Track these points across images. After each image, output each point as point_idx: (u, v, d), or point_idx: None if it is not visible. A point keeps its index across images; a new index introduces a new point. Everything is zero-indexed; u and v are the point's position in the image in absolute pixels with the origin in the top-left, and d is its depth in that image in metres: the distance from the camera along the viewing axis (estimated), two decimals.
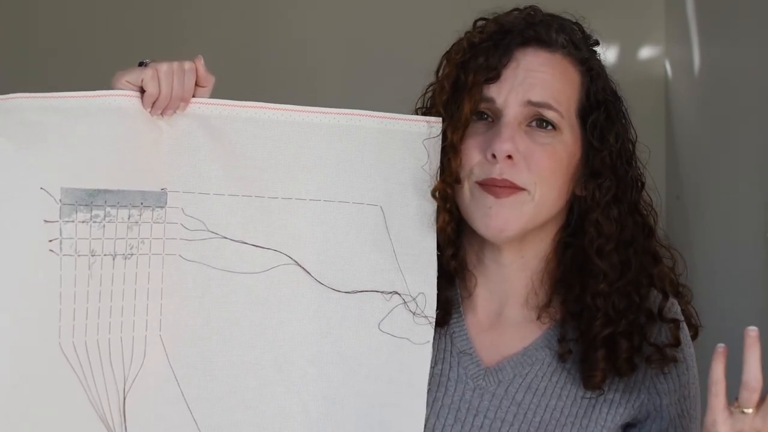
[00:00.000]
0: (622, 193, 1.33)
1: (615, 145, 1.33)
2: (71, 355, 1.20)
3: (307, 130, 1.31)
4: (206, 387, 1.27)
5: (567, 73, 1.32)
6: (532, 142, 1.29)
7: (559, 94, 1.30)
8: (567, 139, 1.31)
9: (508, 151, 1.27)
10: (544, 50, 1.31)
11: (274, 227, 1.30)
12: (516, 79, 1.29)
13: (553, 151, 1.29)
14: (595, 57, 1.36)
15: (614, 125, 1.33)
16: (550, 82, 1.30)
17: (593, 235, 1.32)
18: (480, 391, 1.32)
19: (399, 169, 1.34)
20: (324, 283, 1.31)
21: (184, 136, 1.27)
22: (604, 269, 1.31)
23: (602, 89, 1.34)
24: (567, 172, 1.31)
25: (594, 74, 1.33)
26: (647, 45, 2.91)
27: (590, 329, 1.30)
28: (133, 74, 1.24)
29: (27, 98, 1.20)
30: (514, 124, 1.29)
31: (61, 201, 1.19)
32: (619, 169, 1.33)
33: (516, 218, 1.29)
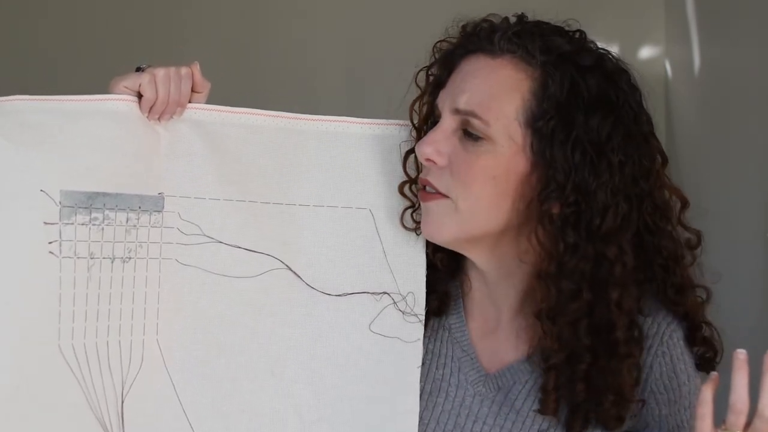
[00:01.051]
0: (584, 216, 1.22)
1: (568, 159, 1.21)
2: (70, 357, 1.21)
3: (297, 136, 1.33)
4: (201, 391, 1.28)
5: (507, 79, 1.25)
6: (462, 149, 1.26)
7: (490, 101, 1.24)
8: (502, 150, 1.24)
9: (426, 154, 1.26)
10: (485, 56, 1.27)
11: (266, 232, 1.31)
12: (453, 86, 1.28)
13: (477, 160, 1.24)
14: (566, 63, 1.24)
15: (576, 135, 1.22)
16: (481, 88, 1.25)
17: (539, 253, 1.25)
18: (480, 397, 1.33)
19: (387, 172, 1.35)
20: (315, 287, 1.32)
21: (180, 141, 1.29)
22: (542, 290, 1.25)
23: (564, 97, 1.23)
24: (503, 182, 1.24)
25: (552, 81, 1.23)
26: (647, 45, 2.91)
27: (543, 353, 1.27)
28: (131, 79, 1.25)
29: (27, 100, 1.22)
30: (445, 130, 1.27)
31: (61, 203, 1.20)
32: (584, 188, 1.21)
33: (443, 226, 1.28)
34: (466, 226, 1.27)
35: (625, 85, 1.26)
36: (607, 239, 1.22)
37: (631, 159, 1.23)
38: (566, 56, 1.24)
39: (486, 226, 1.27)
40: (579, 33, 1.29)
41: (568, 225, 1.22)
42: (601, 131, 1.22)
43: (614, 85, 1.25)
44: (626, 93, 1.26)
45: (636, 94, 1.28)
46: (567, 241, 1.22)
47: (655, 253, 1.29)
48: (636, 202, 1.25)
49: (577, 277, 1.23)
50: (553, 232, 1.23)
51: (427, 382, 1.35)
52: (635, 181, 1.24)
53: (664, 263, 1.30)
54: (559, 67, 1.24)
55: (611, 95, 1.24)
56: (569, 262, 1.23)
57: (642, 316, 1.28)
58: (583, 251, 1.22)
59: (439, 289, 1.36)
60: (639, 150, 1.25)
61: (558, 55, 1.24)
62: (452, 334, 1.37)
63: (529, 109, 1.23)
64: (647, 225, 1.27)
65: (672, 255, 1.30)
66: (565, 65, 1.24)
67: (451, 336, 1.36)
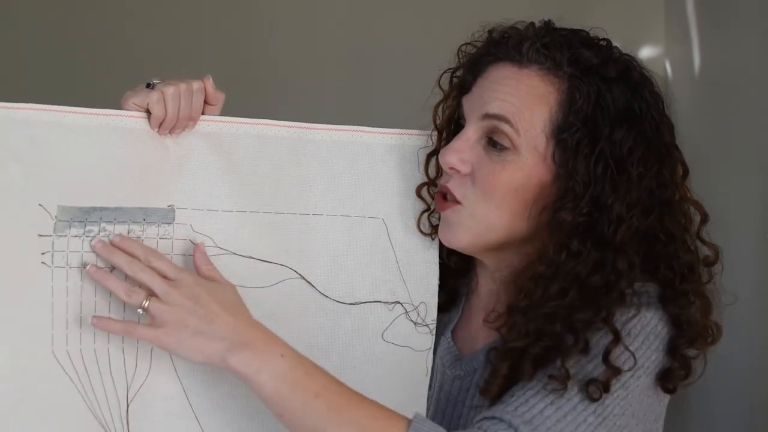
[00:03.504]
0: (596, 226, 1.22)
1: (590, 172, 1.22)
2: (66, 363, 1.21)
3: (309, 146, 1.33)
4: (214, 398, 1.28)
5: (536, 90, 1.25)
6: (486, 157, 1.26)
7: (521, 109, 1.24)
8: (526, 159, 1.24)
9: (450, 163, 1.27)
10: (513, 65, 1.27)
11: (280, 242, 1.31)
12: (481, 92, 1.28)
13: (503, 169, 1.25)
14: (593, 75, 1.24)
15: (600, 149, 1.22)
16: (511, 97, 1.25)
17: (534, 256, 1.24)
18: (459, 381, 1.34)
19: (400, 182, 1.36)
20: (329, 295, 1.32)
21: (192, 154, 1.29)
22: (528, 290, 1.23)
23: (591, 109, 1.23)
24: (525, 193, 1.25)
25: (579, 93, 1.23)
26: (647, 45, 2.91)
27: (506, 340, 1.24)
28: (140, 96, 1.24)
29: (36, 110, 1.21)
30: (470, 138, 1.27)
31: (57, 218, 1.21)
32: (601, 200, 1.22)
33: (460, 233, 1.28)
34: (483, 233, 1.28)
35: (648, 95, 1.26)
36: (618, 251, 1.22)
37: (651, 171, 1.23)
38: (593, 68, 1.25)
39: (502, 234, 1.27)
40: (606, 41, 1.28)
41: (576, 234, 1.22)
42: (624, 144, 1.23)
43: (638, 96, 1.25)
44: (649, 103, 1.26)
45: (659, 103, 1.28)
46: (571, 249, 1.22)
47: (665, 259, 1.26)
48: (651, 212, 1.24)
49: (570, 279, 1.22)
50: (559, 239, 1.23)
51: None
52: (652, 193, 1.24)
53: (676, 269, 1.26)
54: (585, 80, 1.24)
55: (635, 107, 1.24)
56: (566, 267, 1.22)
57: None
58: (584, 258, 1.22)
59: (448, 283, 1.38)
60: (660, 161, 1.25)
61: (585, 67, 1.25)
62: (442, 325, 1.38)
63: (555, 121, 1.24)
64: (659, 233, 1.25)
65: (686, 266, 1.27)
66: (591, 77, 1.24)
67: (439, 325, 1.37)
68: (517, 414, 1.15)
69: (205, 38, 2.97)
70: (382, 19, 2.98)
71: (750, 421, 2.27)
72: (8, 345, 1.19)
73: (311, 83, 2.95)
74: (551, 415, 1.16)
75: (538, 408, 1.16)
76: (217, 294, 1.19)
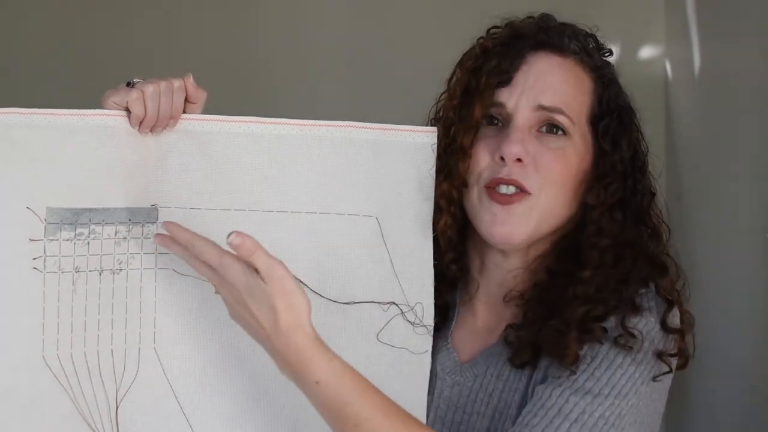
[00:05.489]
0: (630, 199, 1.32)
1: (627, 151, 1.32)
2: (56, 367, 1.21)
3: (300, 143, 1.31)
4: (204, 398, 1.28)
5: (579, 79, 1.32)
6: (542, 146, 1.29)
7: (571, 99, 1.30)
8: (577, 144, 1.31)
9: (518, 154, 1.27)
10: (557, 54, 1.31)
11: (270, 240, 1.30)
12: (527, 83, 1.29)
13: (563, 155, 1.29)
14: (608, 66, 1.35)
15: (626, 133, 1.33)
16: (561, 86, 1.30)
17: (591, 231, 1.30)
18: (458, 387, 1.34)
19: (395, 180, 1.34)
20: (322, 295, 1.31)
21: (173, 153, 1.28)
22: (594, 260, 1.29)
23: (615, 97, 1.33)
24: (576, 178, 1.31)
25: (606, 82, 1.33)
26: (647, 45, 2.90)
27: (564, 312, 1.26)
28: (119, 95, 1.24)
29: (16, 114, 1.21)
30: (524, 127, 1.29)
31: (46, 220, 1.21)
32: (629, 176, 1.32)
33: (523, 226, 1.29)
34: (545, 222, 1.31)
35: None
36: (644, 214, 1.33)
37: (645, 153, 1.36)
38: (603, 61, 1.36)
39: (557, 221, 1.32)
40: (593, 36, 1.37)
41: (618, 207, 1.32)
42: (635, 128, 1.35)
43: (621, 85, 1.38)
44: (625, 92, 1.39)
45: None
46: (616, 219, 1.31)
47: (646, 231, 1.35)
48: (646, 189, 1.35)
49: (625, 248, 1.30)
50: (608, 215, 1.31)
51: None
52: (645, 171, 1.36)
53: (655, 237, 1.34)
54: (605, 69, 1.35)
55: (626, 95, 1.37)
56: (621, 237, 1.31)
57: None
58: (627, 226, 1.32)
59: (440, 303, 1.36)
60: (644, 144, 1.36)
61: (598, 58, 1.35)
62: (439, 331, 1.37)
63: (593, 108, 1.32)
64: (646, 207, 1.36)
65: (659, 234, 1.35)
66: (608, 66, 1.35)
67: (438, 333, 1.37)
68: None
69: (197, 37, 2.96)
70: (376, 16, 2.98)
71: (750, 420, 2.27)
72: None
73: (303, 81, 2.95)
74: None
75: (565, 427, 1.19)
76: (259, 306, 1.14)
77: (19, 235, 1.20)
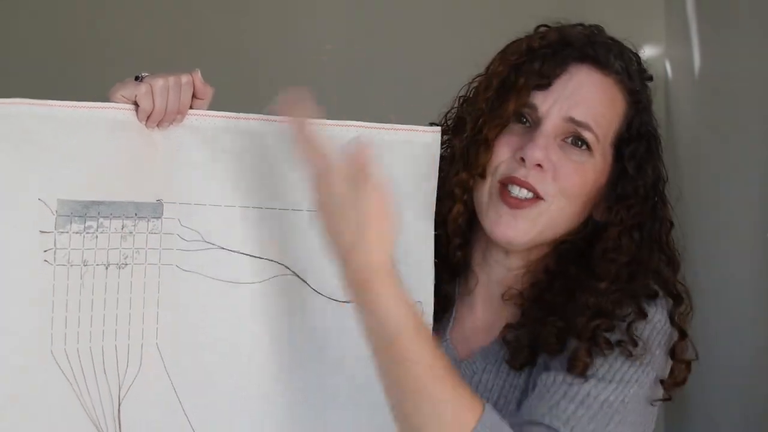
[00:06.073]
0: (650, 223, 1.33)
1: (650, 177, 1.33)
2: (63, 362, 1.21)
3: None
4: (204, 395, 1.28)
5: (615, 100, 1.32)
6: (565, 156, 1.30)
7: (601, 118, 1.31)
8: (597, 162, 1.32)
9: (539, 159, 1.29)
10: (599, 71, 1.31)
11: (272, 238, 1.31)
12: (564, 92, 1.30)
13: (583, 169, 1.31)
14: (645, 91, 1.36)
15: (652, 159, 1.34)
16: (595, 103, 1.30)
17: (610, 246, 1.32)
18: None
19: (397, 179, 1.33)
20: (322, 293, 1.32)
21: (179, 148, 1.28)
22: (610, 273, 1.30)
23: (646, 123, 1.34)
24: (589, 193, 1.32)
25: (641, 107, 1.34)
26: (647, 45, 2.90)
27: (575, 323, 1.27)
28: (128, 89, 1.24)
29: (28, 104, 1.21)
30: (550, 134, 1.30)
31: (57, 212, 1.21)
32: (650, 201, 1.33)
33: (527, 230, 1.30)
34: (551, 229, 1.32)
35: None
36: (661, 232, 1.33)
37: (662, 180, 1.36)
38: (642, 84, 1.36)
39: (560, 232, 1.33)
40: (636, 56, 1.37)
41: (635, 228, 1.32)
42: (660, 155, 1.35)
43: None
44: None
45: None
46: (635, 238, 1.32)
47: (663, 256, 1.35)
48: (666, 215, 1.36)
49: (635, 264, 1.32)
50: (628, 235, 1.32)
51: None
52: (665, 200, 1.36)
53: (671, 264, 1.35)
54: (642, 94, 1.35)
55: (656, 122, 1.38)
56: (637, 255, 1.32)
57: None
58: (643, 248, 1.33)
59: (440, 292, 1.37)
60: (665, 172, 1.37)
61: (640, 81, 1.35)
62: (437, 325, 1.37)
63: (621, 130, 1.33)
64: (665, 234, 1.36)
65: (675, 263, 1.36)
66: (645, 91, 1.36)
67: (435, 327, 1.37)
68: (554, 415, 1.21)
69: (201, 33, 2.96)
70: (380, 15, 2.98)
71: (750, 420, 2.27)
72: (7, 344, 1.19)
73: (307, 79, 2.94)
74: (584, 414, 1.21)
75: (571, 408, 1.21)
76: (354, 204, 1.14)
77: (31, 226, 1.20)
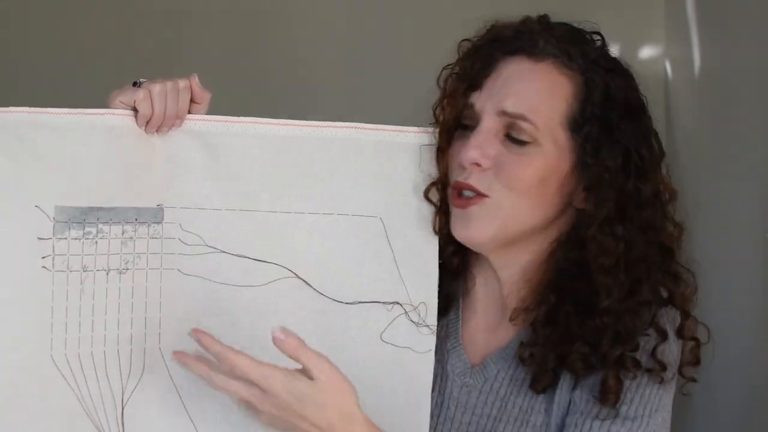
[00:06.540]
0: (628, 209, 1.28)
1: (615, 159, 1.26)
2: (64, 367, 1.22)
3: (303, 143, 1.32)
4: (209, 399, 1.28)
5: (553, 84, 1.28)
6: (507, 151, 1.28)
7: (539, 105, 1.27)
8: (548, 151, 1.27)
9: (474, 158, 1.27)
10: (529, 60, 1.29)
11: (274, 241, 1.31)
12: (494, 88, 1.29)
13: (528, 161, 1.27)
14: (599, 68, 1.29)
15: (616, 138, 1.27)
16: (529, 92, 1.27)
17: (594, 251, 1.28)
18: (467, 388, 1.34)
19: (398, 180, 1.35)
20: (326, 294, 1.32)
21: (179, 153, 1.29)
22: (609, 286, 1.27)
23: (602, 101, 1.28)
24: (548, 184, 1.28)
25: (593, 85, 1.28)
26: (647, 45, 2.90)
27: (598, 347, 1.26)
28: (126, 95, 1.25)
29: (24, 112, 1.22)
30: (487, 132, 1.28)
31: (55, 219, 1.21)
32: (624, 185, 1.27)
33: (482, 228, 1.29)
34: (506, 225, 1.29)
35: (635, 84, 1.32)
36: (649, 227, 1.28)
37: (649, 157, 1.29)
38: (597, 61, 1.30)
39: (525, 225, 1.30)
40: (599, 35, 1.32)
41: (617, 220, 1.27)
42: (635, 132, 1.28)
43: (632, 86, 1.31)
44: (637, 92, 1.32)
45: (640, 92, 1.33)
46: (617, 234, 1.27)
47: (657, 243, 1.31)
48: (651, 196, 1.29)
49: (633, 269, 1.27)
50: (608, 230, 1.27)
51: None
52: (649, 177, 1.29)
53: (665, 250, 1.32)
54: (596, 72, 1.29)
55: (632, 97, 1.30)
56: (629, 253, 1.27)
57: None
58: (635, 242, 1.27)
59: (443, 290, 1.37)
60: (651, 147, 1.30)
61: (592, 59, 1.29)
62: (447, 329, 1.38)
63: (572, 113, 1.28)
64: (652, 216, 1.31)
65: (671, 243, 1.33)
66: (599, 69, 1.29)
67: (445, 330, 1.37)
68: None
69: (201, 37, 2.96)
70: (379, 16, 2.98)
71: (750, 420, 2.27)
72: (7, 349, 1.19)
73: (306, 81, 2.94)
74: None
75: None
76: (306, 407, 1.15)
77: (29, 233, 1.20)
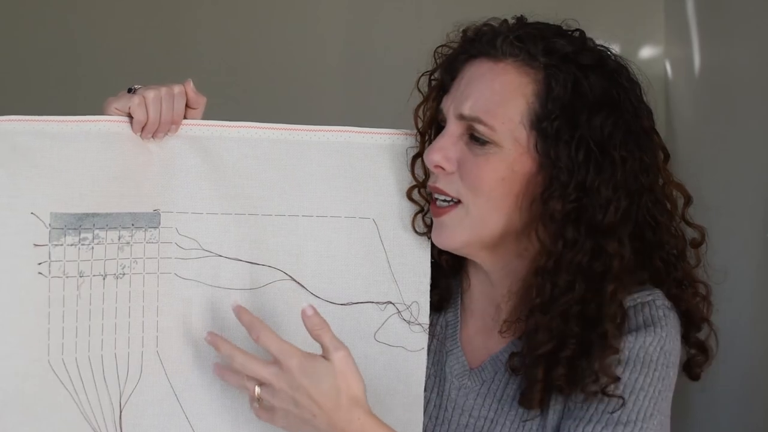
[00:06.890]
0: (586, 212, 1.23)
1: (572, 156, 1.22)
2: (61, 372, 1.22)
3: (297, 147, 1.33)
4: (206, 401, 1.29)
5: (512, 83, 1.25)
6: (469, 153, 1.27)
7: (496, 106, 1.25)
8: (507, 151, 1.25)
9: (435, 161, 1.28)
10: (489, 61, 1.27)
11: (268, 244, 1.32)
12: (457, 92, 1.29)
13: (486, 162, 1.25)
14: (570, 64, 1.24)
15: (580, 135, 1.22)
16: (486, 93, 1.26)
17: (538, 250, 1.26)
18: (465, 390, 1.34)
19: (390, 182, 1.36)
20: (320, 296, 1.32)
21: (175, 158, 1.29)
22: (538, 285, 1.25)
23: (569, 97, 1.23)
24: (511, 184, 1.25)
25: (555, 82, 1.24)
26: (647, 45, 2.91)
27: (531, 345, 1.25)
28: (121, 101, 1.26)
29: (19, 121, 1.22)
30: (451, 135, 1.28)
31: (51, 225, 1.22)
32: (586, 185, 1.22)
33: (455, 235, 1.29)
34: (477, 229, 1.28)
35: (625, 81, 1.28)
36: (607, 234, 1.23)
37: (633, 155, 1.24)
38: (568, 57, 1.25)
39: (495, 228, 1.28)
40: (579, 32, 1.29)
41: (569, 221, 1.23)
42: (604, 129, 1.23)
43: (615, 83, 1.26)
44: (627, 89, 1.27)
45: (636, 89, 1.29)
46: (567, 237, 1.23)
47: (657, 248, 1.30)
48: (637, 197, 1.25)
49: (573, 270, 1.24)
50: (553, 229, 1.24)
51: None
52: (636, 177, 1.25)
53: (666, 258, 1.31)
54: (561, 69, 1.25)
55: (613, 93, 1.25)
56: (567, 257, 1.23)
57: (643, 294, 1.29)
58: (581, 246, 1.23)
59: (440, 284, 1.38)
60: (640, 146, 1.25)
61: (560, 56, 1.25)
62: (446, 330, 1.38)
63: (533, 112, 1.25)
64: (648, 220, 1.28)
65: (674, 250, 1.31)
66: (567, 66, 1.25)
67: (445, 331, 1.38)
68: None
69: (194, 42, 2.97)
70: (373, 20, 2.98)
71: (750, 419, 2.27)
72: (4, 355, 1.19)
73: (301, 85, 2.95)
74: None
75: None
76: (319, 384, 1.18)
77: (24, 240, 1.21)
